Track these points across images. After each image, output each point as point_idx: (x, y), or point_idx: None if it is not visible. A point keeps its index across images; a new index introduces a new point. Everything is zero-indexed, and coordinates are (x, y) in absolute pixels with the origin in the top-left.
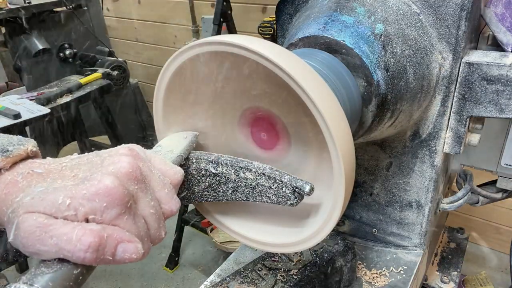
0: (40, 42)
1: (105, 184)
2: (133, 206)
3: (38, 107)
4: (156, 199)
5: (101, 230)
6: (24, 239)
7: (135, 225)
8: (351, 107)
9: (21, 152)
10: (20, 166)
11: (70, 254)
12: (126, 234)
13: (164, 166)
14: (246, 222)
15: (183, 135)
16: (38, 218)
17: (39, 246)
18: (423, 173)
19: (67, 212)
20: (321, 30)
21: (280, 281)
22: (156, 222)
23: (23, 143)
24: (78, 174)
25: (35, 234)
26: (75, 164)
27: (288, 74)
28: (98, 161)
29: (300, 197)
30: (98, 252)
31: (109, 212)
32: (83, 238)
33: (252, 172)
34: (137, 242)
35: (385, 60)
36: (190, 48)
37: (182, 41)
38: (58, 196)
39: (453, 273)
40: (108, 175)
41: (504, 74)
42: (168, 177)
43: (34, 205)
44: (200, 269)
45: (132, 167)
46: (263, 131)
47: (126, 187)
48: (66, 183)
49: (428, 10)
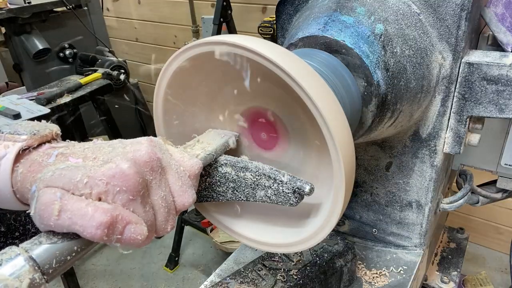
0: (40, 42)
1: (121, 169)
2: (145, 194)
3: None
4: (169, 192)
5: (113, 210)
6: (41, 211)
7: (143, 213)
8: (351, 107)
9: (47, 132)
10: (46, 146)
11: (82, 229)
12: (135, 216)
13: (182, 158)
14: (246, 222)
15: (221, 133)
16: (56, 192)
17: (53, 219)
18: (423, 173)
19: (83, 190)
20: (321, 30)
21: (280, 281)
22: (164, 214)
23: (49, 127)
24: (99, 157)
25: (51, 207)
26: (97, 147)
27: (288, 74)
28: (120, 147)
29: (300, 197)
30: (109, 229)
31: (121, 195)
32: (96, 215)
33: (252, 172)
34: (144, 225)
35: (385, 60)
36: (190, 48)
37: (182, 41)
38: (77, 174)
39: (453, 273)
40: (126, 161)
41: (504, 74)
42: (186, 168)
43: (53, 180)
44: (200, 269)
45: (150, 156)
46: (263, 131)
47: (141, 175)
48: (87, 163)
49: (428, 10)
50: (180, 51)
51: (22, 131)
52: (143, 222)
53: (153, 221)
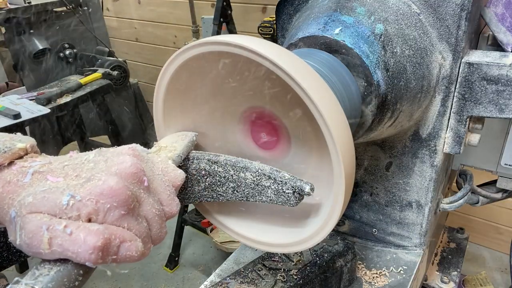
0: (40, 42)
1: (109, 185)
2: (136, 206)
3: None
4: (158, 200)
5: (105, 230)
6: (28, 240)
7: (137, 225)
8: (351, 107)
9: (19, 148)
10: (20, 163)
11: (75, 256)
12: (128, 233)
13: (166, 168)
14: (246, 222)
15: (181, 135)
16: (42, 219)
17: (43, 247)
18: (423, 173)
19: (71, 213)
20: (321, 30)
21: (280, 281)
22: (158, 223)
23: (22, 140)
24: (81, 174)
25: (39, 235)
26: (77, 163)
27: (288, 74)
28: (101, 161)
29: (300, 197)
30: (103, 252)
31: (112, 212)
32: (87, 239)
33: (252, 172)
34: (138, 241)
35: (385, 60)
36: (190, 48)
37: (182, 41)
38: (62, 196)
39: (453, 273)
40: (112, 176)
41: (504, 74)
42: (170, 179)
43: (36, 205)
44: (200, 269)
45: (136, 168)
46: (263, 131)
47: (130, 188)
48: (69, 182)
49: (428, 10)
50: (180, 51)
51: None
52: (137, 238)
53: (148, 232)
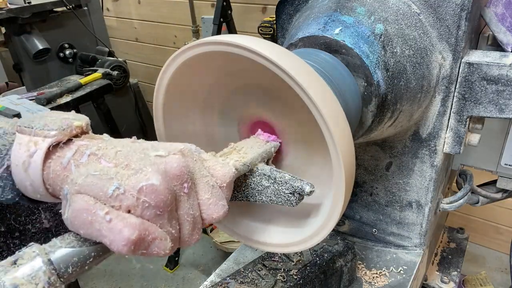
0: (40, 42)
1: (152, 184)
2: (173, 209)
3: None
4: (197, 205)
5: (141, 225)
6: (72, 218)
7: (169, 227)
8: (351, 107)
9: (77, 126)
10: (78, 142)
11: (109, 243)
12: (160, 231)
13: (215, 166)
14: (246, 222)
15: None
16: (88, 201)
17: (83, 227)
18: (423, 173)
19: (114, 202)
20: (321, 30)
21: (280, 281)
22: (189, 228)
23: (79, 119)
24: (130, 164)
25: (82, 216)
26: (129, 151)
27: (288, 74)
28: (152, 155)
29: (300, 197)
30: (135, 246)
31: (149, 211)
32: (124, 230)
33: (252, 172)
34: (168, 240)
35: (385, 60)
36: (190, 48)
37: (182, 41)
38: (109, 184)
39: (453, 273)
40: (158, 174)
41: (504, 74)
42: (218, 177)
43: (85, 188)
44: (200, 269)
45: (181, 170)
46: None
47: (171, 190)
48: (118, 171)
49: (428, 10)
50: (180, 51)
51: (51, 126)
52: (168, 237)
53: (178, 235)
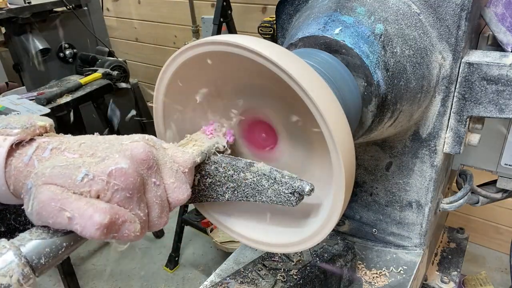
0: (40, 42)
1: (121, 167)
2: (141, 191)
3: (38, 107)
4: (163, 189)
5: (112, 209)
6: (40, 209)
7: (138, 210)
8: (351, 107)
9: (40, 125)
10: (40, 139)
11: (81, 229)
12: (130, 214)
13: (176, 153)
14: (246, 222)
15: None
16: (55, 190)
17: (52, 217)
18: (423, 173)
19: (83, 188)
20: (321, 30)
21: (280, 281)
22: (157, 210)
23: (42, 120)
24: (96, 153)
25: (50, 205)
26: (93, 142)
27: (288, 74)
28: (117, 144)
29: (300, 197)
30: (107, 229)
31: (119, 193)
32: (95, 215)
33: (252, 172)
34: (137, 223)
35: (385, 60)
36: (190, 48)
37: (182, 41)
38: (77, 172)
39: (453, 273)
40: (125, 158)
41: (504, 74)
42: (180, 164)
43: (52, 177)
44: (200, 269)
45: (147, 154)
46: (263, 131)
47: (139, 173)
48: (85, 159)
49: (428, 10)
50: (180, 51)
51: (14, 125)
52: (137, 220)
53: (146, 218)
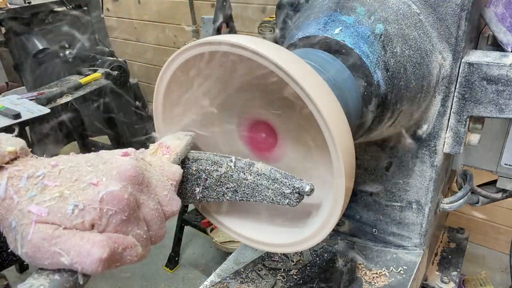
0: (40, 42)
1: (111, 190)
2: (137, 210)
3: (38, 107)
4: (156, 200)
5: (109, 240)
6: (31, 252)
7: (137, 229)
8: (351, 107)
9: (10, 151)
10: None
11: (81, 267)
12: (129, 239)
13: (162, 166)
14: (246, 222)
15: (179, 136)
16: (45, 230)
17: (47, 258)
18: (423, 173)
19: (75, 220)
20: (321, 30)
21: (280, 281)
22: (157, 224)
23: (11, 143)
24: (80, 178)
25: (43, 247)
26: (74, 166)
27: (288, 74)
28: (100, 164)
29: (300, 197)
30: (108, 262)
31: (114, 218)
32: (93, 251)
33: (252, 172)
34: (138, 246)
35: (385, 60)
36: (190, 48)
37: (182, 41)
38: (64, 203)
39: (453, 273)
40: (114, 181)
41: (504, 74)
42: (167, 176)
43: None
44: (200, 269)
45: (135, 171)
46: (263, 131)
47: (130, 192)
48: (70, 189)
49: (428, 10)
50: (180, 51)
51: None
52: (137, 243)
53: (147, 235)
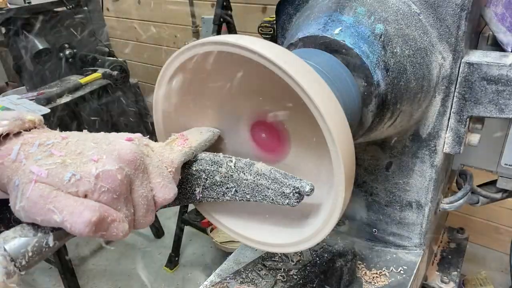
0: (40, 42)
1: (108, 169)
2: (128, 192)
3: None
4: (150, 189)
5: (100, 208)
6: (28, 207)
7: (125, 210)
8: (351, 107)
9: (29, 119)
10: (28, 134)
11: (70, 226)
12: (118, 214)
13: (163, 152)
14: (246, 222)
15: (201, 130)
16: (43, 188)
17: (41, 214)
18: (423, 173)
19: (71, 188)
20: (321, 30)
21: (280, 281)
22: (143, 210)
23: (31, 115)
24: (84, 152)
25: (39, 204)
26: (81, 141)
27: (288, 74)
28: (104, 143)
29: (300, 197)
30: (96, 227)
31: (106, 195)
32: (85, 213)
33: (252, 172)
34: (125, 222)
35: (385, 60)
36: (190, 48)
37: (182, 41)
38: (65, 171)
39: (453, 273)
40: (112, 160)
41: (504, 74)
42: (166, 163)
43: (39, 175)
44: (200, 269)
45: (134, 155)
46: (264, 132)
47: (126, 175)
48: (72, 160)
49: (428, 10)
50: (180, 51)
51: (3, 117)
52: (125, 220)
53: (132, 217)
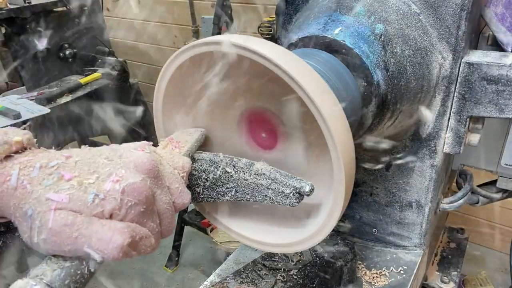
0: (40, 42)
1: (133, 183)
2: (153, 203)
3: (38, 107)
4: (169, 195)
5: (129, 228)
6: (51, 240)
7: (151, 222)
8: (351, 107)
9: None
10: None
11: (102, 253)
12: (145, 230)
13: (172, 158)
14: (246, 222)
15: (190, 132)
16: (66, 216)
17: (68, 244)
18: (423, 173)
19: (95, 209)
20: (321, 30)
21: (280, 281)
22: (168, 218)
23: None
24: (98, 170)
25: (64, 233)
26: (90, 158)
27: (288, 74)
28: (116, 157)
29: (300, 197)
30: (128, 250)
31: (133, 209)
32: (114, 238)
33: (252, 173)
34: (152, 237)
35: (385, 60)
36: (190, 48)
37: (182, 41)
38: (86, 193)
39: (453, 273)
40: (132, 172)
41: (504, 74)
42: (177, 169)
43: (60, 202)
44: (200, 269)
45: (151, 163)
46: (263, 131)
47: (149, 185)
48: (89, 180)
49: (428, 10)
50: (180, 51)
51: None
52: (151, 234)
53: (159, 228)
